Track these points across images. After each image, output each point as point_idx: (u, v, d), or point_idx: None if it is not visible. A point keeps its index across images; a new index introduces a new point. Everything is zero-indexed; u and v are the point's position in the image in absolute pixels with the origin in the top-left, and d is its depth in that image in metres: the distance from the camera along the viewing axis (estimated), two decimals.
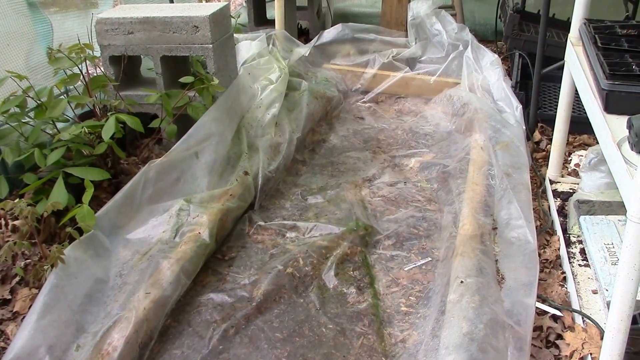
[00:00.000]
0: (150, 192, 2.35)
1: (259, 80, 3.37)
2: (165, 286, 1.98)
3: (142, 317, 1.83)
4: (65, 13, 2.98)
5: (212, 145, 2.65)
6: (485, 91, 3.54)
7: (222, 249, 2.40)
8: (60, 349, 1.71)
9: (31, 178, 2.27)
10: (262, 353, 1.88)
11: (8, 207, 1.88)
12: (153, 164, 2.39)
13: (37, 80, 2.59)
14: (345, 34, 4.44)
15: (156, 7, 3.00)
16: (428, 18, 4.35)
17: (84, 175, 2.24)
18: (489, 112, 3.23)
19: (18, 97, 2.31)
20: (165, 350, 1.89)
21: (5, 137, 2.35)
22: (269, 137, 3.01)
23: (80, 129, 2.28)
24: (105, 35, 2.79)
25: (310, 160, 3.20)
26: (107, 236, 2.13)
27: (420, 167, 3.06)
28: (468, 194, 2.50)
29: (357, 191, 2.81)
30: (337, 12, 5.40)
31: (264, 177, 2.75)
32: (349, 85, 4.10)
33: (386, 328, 1.97)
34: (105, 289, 1.98)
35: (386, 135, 3.47)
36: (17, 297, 1.94)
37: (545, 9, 2.94)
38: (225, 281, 2.22)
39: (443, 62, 4.03)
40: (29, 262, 2.02)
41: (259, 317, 2.03)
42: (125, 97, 2.69)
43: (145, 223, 2.27)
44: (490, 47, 4.31)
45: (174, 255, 2.10)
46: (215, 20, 2.82)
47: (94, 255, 2.03)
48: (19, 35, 2.63)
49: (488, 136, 2.97)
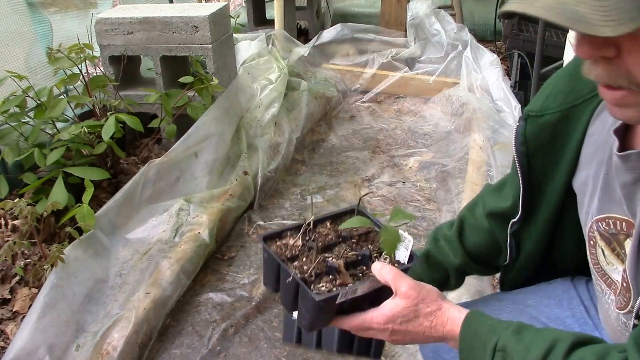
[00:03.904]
0: (150, 192, 2.36)
1: (259, 80, 3.37)
2: (165, 286, 1.98)
3: (142, 316, 1.84)
4: (65, 13, 2.98)
5: (211, 145, 2.65)
6: (484, 91, 3.55)
7: (222, 249, 2.41)
8: (60, 349, 1.71)
9: (31, 178, 2.27)
10: (261, 352, 1.88)
11: (8, 207, 1.88)
12: (153, 163, 2.40)
13: (36, 80, 2.59)
14: (345, 34, 4.44)
15: (156, 7, 3.00)
16: (427, 18, 4.36)
17: (84, 175, 2.25)
18: (487, 112, 3.23)
19: (18, 97, 2.31)
20: (164, 349, 1.89)
21: (5, 136, 2.35)
22: (268, 137, 3.01)
23: (80, 129, 2.28)
24: (105, 35, 2.79)
25: (310, 160, 3.21)
26: (106, 236, 2.14)
27: (419, 166, 3.06)
28: (467, 193, 2.51)
29: (356, 191, 2.82)
30: (337, 12, 5.40)
31: (263, 176, 2.76)
32: (348, 85, 4.10)
33: None
34: (105, 288, 1.98)
35: (385, 135, 3.48)
36: (17, 297, 1.94)
37: None
38: (224, 281, 2.22)
39: (442, 62, 4.04)
40: (28, 261, 2.02)
41: (259, 316, 2.03)
42: (124, 97, 2.69)
43: (145, 223, 2.27)
44: (489, 47, 4.32)
45: (174, 255, 2.10)
46: (214, 20, 2.82)
47: (93, 255, 2.03)
48: (19, 35, 2.63)
49: (486, 136, 2.98)
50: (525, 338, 0.81)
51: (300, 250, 0.93)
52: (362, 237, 0.97)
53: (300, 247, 0.93)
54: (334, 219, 1.00)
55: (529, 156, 0.97)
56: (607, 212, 0.88)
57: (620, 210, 0.85)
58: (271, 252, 0.92)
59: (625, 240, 0.86)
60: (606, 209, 0.88)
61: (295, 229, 0.96)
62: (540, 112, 0.95)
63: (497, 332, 0.83)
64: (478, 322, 0.86)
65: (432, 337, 0.90)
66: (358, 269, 0.92)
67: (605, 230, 0.89)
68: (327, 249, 0.93)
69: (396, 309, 0.88)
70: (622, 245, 0.87)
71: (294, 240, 0.94)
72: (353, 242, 0.95)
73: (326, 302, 0.85)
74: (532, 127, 0.96)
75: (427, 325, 0.88)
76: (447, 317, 0.88)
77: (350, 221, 0.95)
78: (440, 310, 0.88)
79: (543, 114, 0.95)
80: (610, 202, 0.87)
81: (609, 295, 0.93)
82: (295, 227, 0.97)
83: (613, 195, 0.86)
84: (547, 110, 0.94)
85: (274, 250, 0.93)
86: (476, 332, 0.85)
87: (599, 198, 0.89)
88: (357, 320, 0.91)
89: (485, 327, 0.85)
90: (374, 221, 0.99)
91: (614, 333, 0.95)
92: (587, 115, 0.91)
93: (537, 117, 0.95)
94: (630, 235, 0.84)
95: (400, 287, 0.88)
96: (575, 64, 0.93)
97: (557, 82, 0.96)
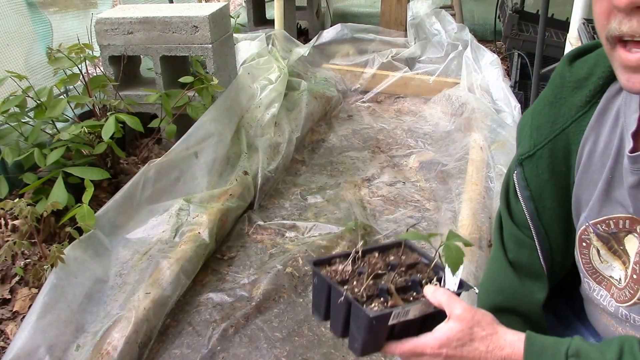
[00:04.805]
0: (150, 192, 2.36)
1: (259, 80, 3.37)
2: (165, 286, 1.98)
3: (142, 316, 1.84)
4: (65, 13, 2.98)
5: (211, 145, 2.65)
6: (484, 91, 3.55)
7: (222, 249, 2.41)
8: (60, 349, 1.71)
9: (31, 178, 2.27)
10: (261, 353, 1.88)
11: (8, 207, 1.88)
12: (153, 163, 2.40)
13: (36, 80, 2.59)
14: (345, 33, 4.44)
15: (156, 7, 3.01)
16: (427, 18, 4.36)
17: (84, 175, 2.25)
18: (486, 112, 3.23)
19: (18, 97, 2.31)
20: (164, 349, 1.89)
21: (5, 137, 2.35)
22: (268, 137, 3.01)
23: (79, 129, 2.28)
24: (105, 35, 2.79)
25: (310, 160, 3.21)
26: (106, 236, 2.14)
27: (419, 166, 3.06)
28: (467, 194, 2.51)
29: (356, 191, 2.81)
30: (337, 12, 5.40)
31: (263, 176, 2.76)
32: (348, 85, 4.10)
33: None
34: (105, 288, 1.98)
35: (385, 134, 3.48)
36: (17, 297, 1.94)
37: (544, 9, 2.95)
38: (224, 281, 2.22)
39: (442, 62, 4.04)
40: (28, 261, 2.02)
41: (259, 316, 2.03)
42: (124, 97, 2.69)
43: (145, 223, 2.27)
44: (489, 47, 4.32)
45: (174, 255, 2.10)
46: (214, 20, 2.82)
47: (93, 255, 2.03)
48: (19, 35, 2.63)
49: (485, 136, 2.98)
50: (594, 344, 0.82)
51: (350, 275, 0.93)
52: (410, 267, 0.97)
53: (349, 272, 0.93)
54: (381, 250, 1.00)
55: (534, 200, 0.97)
56: (606, 215, 0.88)
57: (622, 210, 0.86)
58: (322, 275, 0.92)
59: (625, 237, 0.87)
60: (606, 211, 0.88)
61: (344, 257, 0.97)
62: (532, 151, 0.95)
63: (565, 342, 0.83)
64: (541, 338, 0.85)
65: None
66: (408, 294, 0.92)
67: (605, 231, 0.89)
68: (376, 277, 0.94)
69: (450, 332, 0.86)
70: (621, 242, 0.88)
71: (344, 265, 0.95)
72: (402, 270, 0.95)
73: (379, 320, 0.84)
74: (529, 169, 0.96)
75: (484, 350, 0.86)
76: (505, 341, 0.86)
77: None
78: (496, 334, 0.86)
79: (534, 151, 0.95)
80: (611, 204, 0.87)
81: (598, 292, 0.94)
82: (344, 254, 0.97)
83: (614, 197, 0.87)
84: (537, 146, 0.95)
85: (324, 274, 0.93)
86: (543, 345, 0.84)
87: (599, 202, 0.89)
88: (409, 345, 0.88)
89: (550, 340, 0.84)
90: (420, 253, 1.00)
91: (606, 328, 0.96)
92: (580, 134, 0.91)
93: (531, 157, 0.96)
94: (631, 232, 0.85)
95: (454, 309, 0.86)
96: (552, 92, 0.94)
97: (535, 117, 0.96)
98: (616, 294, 0.91)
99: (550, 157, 0.94)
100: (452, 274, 0.90)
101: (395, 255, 0.99)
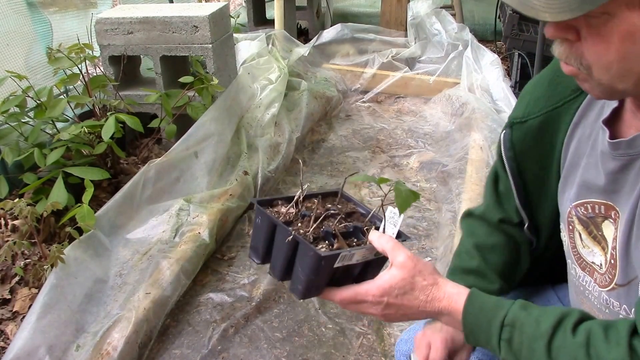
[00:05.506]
0: (150, 192, 2.35)
1: (259, 80, 3.37)
2: (165, 286, 1.98)
3: (142, 317, 1.84)
4: (65, 13, 2.98)
5: (211, 145, 2.65)
6: (484, 91, 3.55)
7: (222, 249, 2.40)
8: (60, 349, 1.71)
9: (31, 178, 2.27)
10: (261, 353, 1.88)
11: (8, 207, 1.88)
12: (153, 163, 2.39)
13: (36, 80, 2.59)
14: (345, 33, 4.44)
15: (156, 7, 3.01)
16: (428, 18, 4.36)
17: (84, 175, 2.24)
18: (486, 112, 3.23)
19: (18, 97, 2.31)
20: (164, 349, 1.89)
21: (5, 137, 2.35)
22: (268, 137, 3.01)
23: (79, 129, 2.27)
24: (105, 35, 2.79)
25: (310, 160, 3.21)
26: (106, 236, 2.13)
27: (419, 166, 3.06)
28: (467, 194, 2.51)
29: (356, 191, 2.81)
30: (337, 12, 5.40)
31: (263, 176, 2.76)
32: (349, 85, 4.10)
33: (385, 328, 1.97)
34: (105, 288, 1.98)
35: (385, 135, 3.48)
36: (17, 297, 1.94)
37: None
38: (224, 281, 2.22)
39: (442, 62, 4.04)
40: (28, 261, 2.02)
41: (259, 316, 2.03)
42: (124, 97, 2.69)
43: (145, 223, 2.27)
44: (490, 47, 4.32)
45: (174, 255, 2.10)
46: (214, 20, 2.82)
47: (93, 255, 2.03)
48: (19, 35, 2.63)
49: (485, 136, 2.98)
50: (533, 312, 0.83)
51: (294, 217, 0.93)
52: (348, 215, 0.98)
53: (293, 214, 0.93)
54: (321, 197, 1.01)
55: (517, 161, 1.03)
56: (585, 198, 0.92)
57: (598, 195, 0.90)
58: (267, 214, 0.91)
59: (602, 222, 0.90)
60: (584, 194, 0.92)
61: (286, 199, 0.97)
62: (524, 118, 1.01)
63: (504, 307, 0.84)
64: (482, 298, 0.87)
65: (425, 313, 0.89)
66: (349, 240, 0.92)
67: (584, 215, 0.93)
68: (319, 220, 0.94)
69: (393, 280, 0.87)
70: (600, 228, 0.90)
71: (287, 208, 0.94)
72: (342, 217, 0.96)
73: (327, 259, 0.84)
74: (517, 133, 1.02)
75: (423, 300, 0.87)
76: (444, 292, 0.88)
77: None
78: (436, 284, 0.88)
79: (527, 119, 1.00)
80: (589, 188, 0.91)
81: (583, 278, 0.96)
82: (286, 197, 0.97)
83: (592, 182, 0.90)
84: (530, 115, 1.00)
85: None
86: (481, 307, 0.86)
87: (578, 185, 0.93)
88: (350, 292, 0.89)
89: (490, 302, 0.86)
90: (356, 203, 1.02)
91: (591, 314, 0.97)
92: (570, 115, 0.96)
93: (522, 123, 1.01)
94: (607, 218, 0.88)
95: (398, 256, 0.87)
96: (553, 70, 0.99)
97: (536, 89, 1.01)
98: (598, 279, 0.92)
99: (539, 129, 0.99)
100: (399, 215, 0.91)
101: (332, 203, 1.00)
